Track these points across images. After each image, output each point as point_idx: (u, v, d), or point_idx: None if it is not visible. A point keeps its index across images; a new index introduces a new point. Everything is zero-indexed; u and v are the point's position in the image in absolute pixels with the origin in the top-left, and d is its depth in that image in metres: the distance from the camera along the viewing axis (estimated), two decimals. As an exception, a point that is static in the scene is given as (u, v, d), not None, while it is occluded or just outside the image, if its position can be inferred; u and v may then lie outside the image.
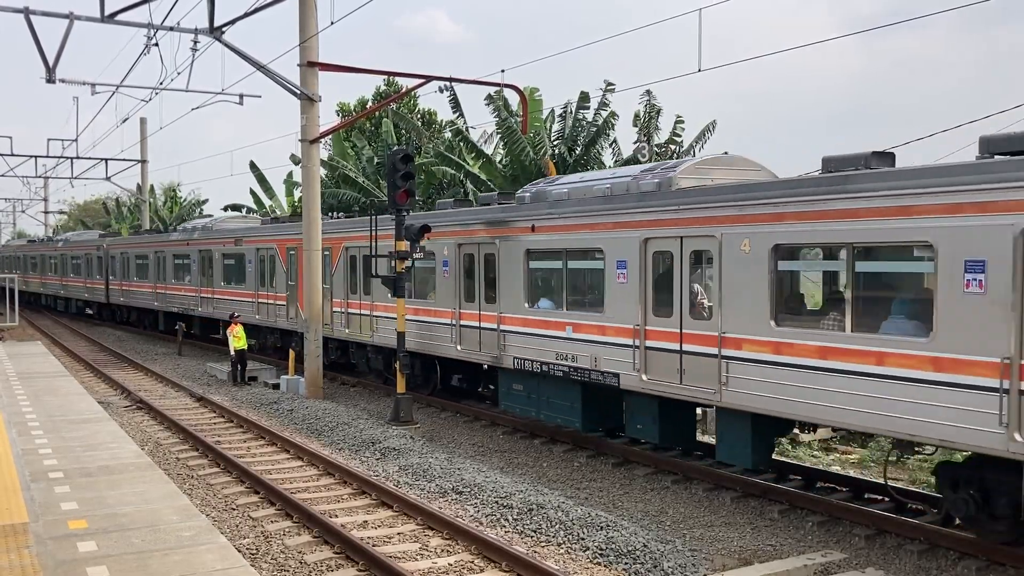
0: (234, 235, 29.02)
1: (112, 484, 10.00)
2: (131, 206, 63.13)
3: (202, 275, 31.16)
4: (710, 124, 28.05)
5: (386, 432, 16.51)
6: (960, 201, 9.40)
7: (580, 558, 10.09)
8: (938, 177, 9.65)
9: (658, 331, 13.11)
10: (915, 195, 9.81)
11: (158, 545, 7.91)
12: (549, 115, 30.09)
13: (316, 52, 20.57)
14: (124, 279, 39.29)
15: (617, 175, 14.84)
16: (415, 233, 17.60)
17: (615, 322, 13.84)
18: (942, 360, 9.58)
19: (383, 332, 20.36)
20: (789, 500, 12.23)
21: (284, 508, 12.03)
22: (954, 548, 10.28)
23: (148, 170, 46.35)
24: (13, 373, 19.81)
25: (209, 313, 30.87)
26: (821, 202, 10.73)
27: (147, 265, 36.30)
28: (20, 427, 13.32)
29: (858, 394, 10.37)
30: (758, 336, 11.55)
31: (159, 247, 35.16)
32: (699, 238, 12.42)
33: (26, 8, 20.08)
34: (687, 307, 12.69)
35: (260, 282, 26.89)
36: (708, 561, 10.17)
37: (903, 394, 9.93)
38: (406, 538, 10.83)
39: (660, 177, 13.58)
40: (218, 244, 30.02)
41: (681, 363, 12.66)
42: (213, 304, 30.41)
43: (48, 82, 21.66)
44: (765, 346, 11.46)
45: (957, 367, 9.45)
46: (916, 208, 9.80)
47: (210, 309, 30.64)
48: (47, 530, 8.25)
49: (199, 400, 21.17)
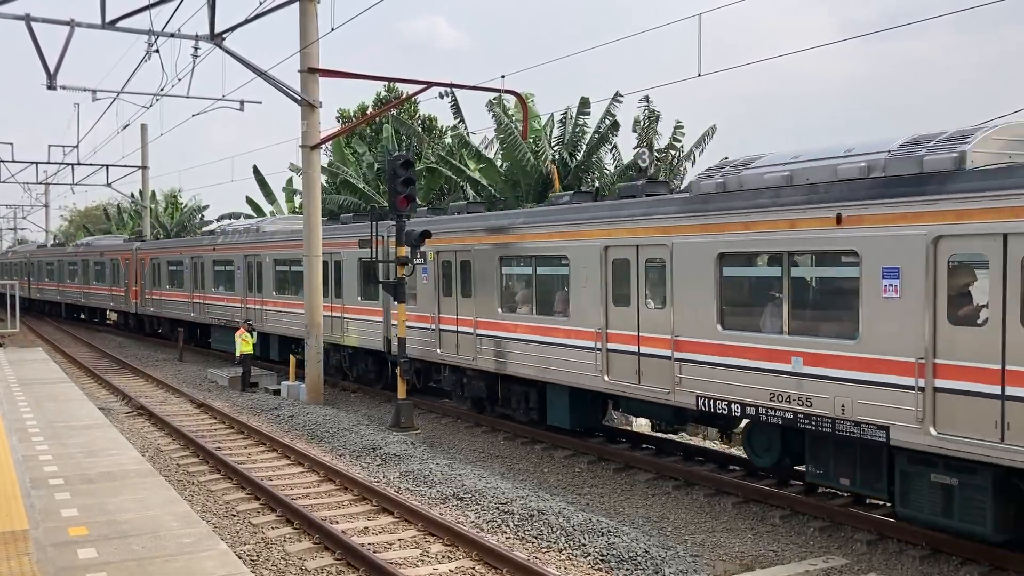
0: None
1: (113, 490, 9.98)
2: (131, 212, 63.18)
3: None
4: (710, 129, 28.09)
5: (387, 438, 16.49)
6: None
7: (581, 564, 10.07)
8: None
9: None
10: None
11: (159, 552, 7.90)
12: (549, 120, 30.12)
13: (317, 58, 20.60)
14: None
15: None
16: (415, 239, 17.62)
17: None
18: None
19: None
20: (791, 505, 12.21)
21: (285, 514, 12.01)
22: (956, 553, 10.25)
23: (149, 176, 46.36)
24: (14, 379, 19.79)
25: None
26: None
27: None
28: (21, 433, 13.30)
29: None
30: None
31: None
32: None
33: (27, 15, 20.12)
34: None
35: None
36: (709, 567, 10.15)
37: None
38: (407, 544, 10.81)
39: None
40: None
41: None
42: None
43: (49, 88, 21.69)
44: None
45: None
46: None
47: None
48: (47, 537, 8.24)
49: (200, 406, 21.16)
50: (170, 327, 34.93)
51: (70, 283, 47.23)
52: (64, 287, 48.46)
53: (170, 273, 34.19)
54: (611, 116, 27.78)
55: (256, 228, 28.96)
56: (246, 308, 27.54)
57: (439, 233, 18.32)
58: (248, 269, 27.65)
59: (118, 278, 39.58)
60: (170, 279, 34.21)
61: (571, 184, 27.45)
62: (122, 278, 39.15)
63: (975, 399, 9.36)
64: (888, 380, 10.18)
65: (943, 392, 9.68)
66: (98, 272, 42.49)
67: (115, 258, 40.17)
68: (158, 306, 35.51)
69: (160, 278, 35.03)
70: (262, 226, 28.97)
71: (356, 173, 35.75)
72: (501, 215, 17.87)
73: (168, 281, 34.36)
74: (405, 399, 18.01)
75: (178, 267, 33.37)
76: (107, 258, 41.23)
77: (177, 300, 33.49)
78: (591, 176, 28.62)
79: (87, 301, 44.56)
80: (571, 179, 28.12)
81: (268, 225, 29.00)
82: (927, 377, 9.79)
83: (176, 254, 33.76)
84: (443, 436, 17.61)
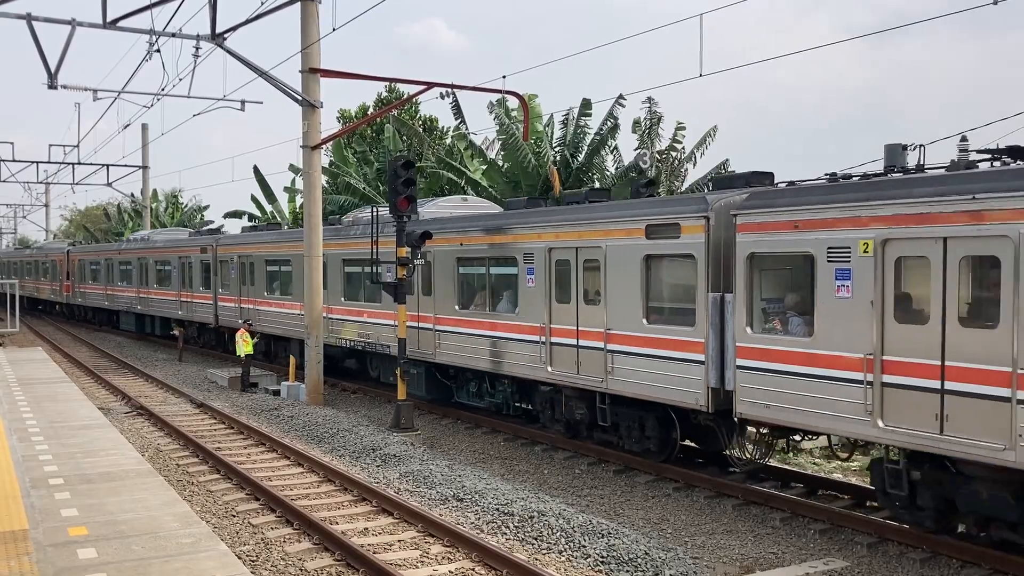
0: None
1: (112, 491, 9.97)
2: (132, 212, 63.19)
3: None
4: (711, 130, 28.06)
5: (387, 439, 16.48)
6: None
7: (581, 566, 10.05)
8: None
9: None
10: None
11: (158, 552, 7.89)
12: (549, 121, 30.11)
13: (318, 58, 20.59)
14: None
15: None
16: (416, 239, 17.61)
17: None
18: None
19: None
20: (791, 508, 12.20)
21: (284, 515, 12.00)
22: (956, 556, 10.24)
23: (149, 176, 46.40)
24: (14, 379, 19.79)
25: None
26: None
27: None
28: (20, 433, 13.29)
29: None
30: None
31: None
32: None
33: (28, 14, 20.11)
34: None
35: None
36: (710, 569, 10.14)
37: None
38: (407, 545, 10.80)
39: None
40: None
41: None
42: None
43: (50, 88, 21.71)
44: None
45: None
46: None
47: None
48: (47, 537, 8.23)
49: (199, 406, 21.15)
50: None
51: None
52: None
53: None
54: (613, 118, 27.79)
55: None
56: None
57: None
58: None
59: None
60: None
61: (572, 185, 27.44)
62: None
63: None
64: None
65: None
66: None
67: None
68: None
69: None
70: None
71: (357, 174, 35.77)
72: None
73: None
74: (405, 400, 17.99)
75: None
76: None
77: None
78: (592, 177, 28.62)
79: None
80: (572, 180, 28.11)
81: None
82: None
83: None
84: (443, 437, 17.59)
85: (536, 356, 15.88)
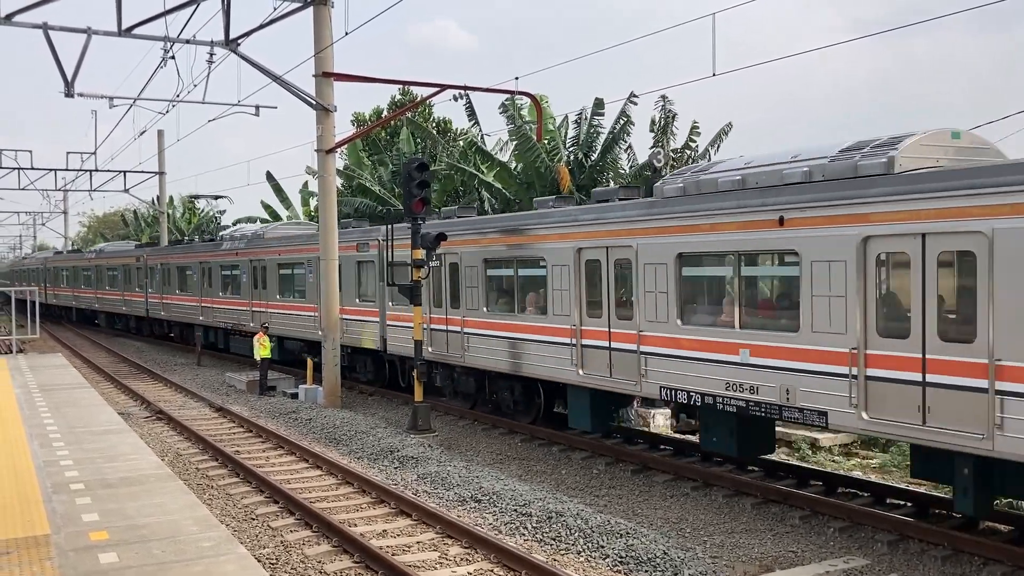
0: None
1: (132, 495, 10.04)
2: (149, 218, 63.55)
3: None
4: (724, 127, 27.94)
5: (404, 441, 16.51)
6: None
7: (600, 566, 10.04)
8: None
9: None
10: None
11: (178, 556, 7.93)
12: (563, 121, 30.05)
13: (331, 62, 20.65)
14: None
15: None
16: (430, 241, 17.63)
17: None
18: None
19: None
20: (810, 506, 12.14)
21: (303, 518, 12.05)
22: (979, 554, 10.16)
23: (166, 181, 46.66)
24: (35, 385, 19.94)
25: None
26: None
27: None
28: (42, 439, 13.40)
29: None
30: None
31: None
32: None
33: (44, 23, 20.28)
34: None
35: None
36: (729, 568, 10.10)
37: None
38: (425, 547, 10.82)
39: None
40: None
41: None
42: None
43: (67, 96, 21.89)
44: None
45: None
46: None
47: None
48: (68, 542, 8.29)
49: (218, 410, 21.26)
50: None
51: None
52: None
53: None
54: (626, 116, 27.72)
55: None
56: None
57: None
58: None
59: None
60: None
61: (586, 184, 27.40)
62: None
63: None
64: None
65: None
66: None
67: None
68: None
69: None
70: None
71: (372, 177, 35.85)
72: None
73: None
74: (422, 402, 18.02)
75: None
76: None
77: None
78: (606, 176, 28.56)
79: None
80: (586, 179, 28.06)
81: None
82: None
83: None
84: (460, 438, 17.61)
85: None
